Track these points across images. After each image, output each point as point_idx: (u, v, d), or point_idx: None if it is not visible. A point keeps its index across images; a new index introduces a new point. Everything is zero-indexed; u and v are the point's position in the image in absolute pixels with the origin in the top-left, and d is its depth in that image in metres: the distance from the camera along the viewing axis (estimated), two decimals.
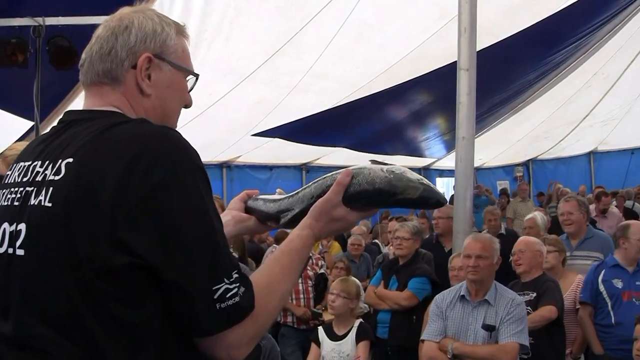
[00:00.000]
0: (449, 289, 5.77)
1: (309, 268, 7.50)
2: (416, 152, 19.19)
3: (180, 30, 2.06)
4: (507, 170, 23.68)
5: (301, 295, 7.64)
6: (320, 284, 7.61)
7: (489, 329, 5.13)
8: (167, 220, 1.68)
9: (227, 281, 1.74)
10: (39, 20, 7.41)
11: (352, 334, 6.12)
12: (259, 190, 2.53)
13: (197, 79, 2.13)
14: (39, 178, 1.80)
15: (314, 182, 2.25)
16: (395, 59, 11.25)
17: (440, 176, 22.72)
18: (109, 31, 1.96)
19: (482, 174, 22.56)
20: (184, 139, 1.79)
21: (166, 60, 1.98)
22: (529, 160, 23.52)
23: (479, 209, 15.35)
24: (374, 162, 2.18)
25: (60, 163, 1.77)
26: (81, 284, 1.66)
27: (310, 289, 7.52)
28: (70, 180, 1.72)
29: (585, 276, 6.51)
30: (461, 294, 5.41)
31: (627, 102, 19.15)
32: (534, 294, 5.85)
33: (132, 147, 1.71)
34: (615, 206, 14.54)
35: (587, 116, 19.83)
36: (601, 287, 6.25)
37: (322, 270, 7.55)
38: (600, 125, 20.59)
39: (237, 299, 1.75)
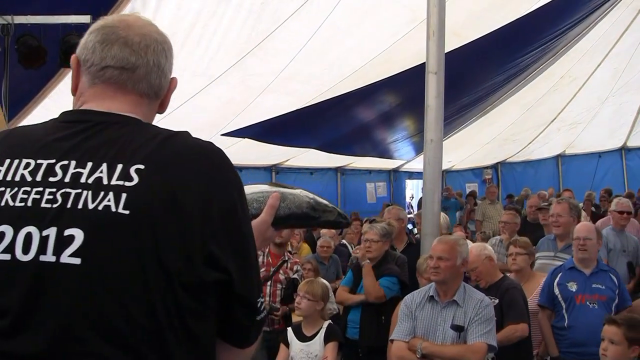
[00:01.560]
0: (418, 289, 5.79)
1: (281, 272, 7.48)
2: (385, 154, 19.25)
3: None
4: (475, 172, 23.85)
5: (267, 298, 7.60)
6: (290, 288, 7.59)
7: (458, 329, 5.17)
8: (239, 236, 1.76)
9: (261, 296, 1.89)
10: (8, 18, 7.27)
11: (321, 335, 6.13)
12: None
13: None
14: (88, 180, 1.65)
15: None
16: (364, 61, 11.30)
17: (410, 178, 22.88)
18: (158, 45, 1.92)
19: (451, 177, 22.72)
20: None
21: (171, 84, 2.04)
22: (497, 163, 23.70)
23: (448, 211, 15.47)
24: (273, 184, 2.31)
25: (128, 168, 1.65)
26: (167, 299, 1.61)
27: (278, 292, 7.48)
28: (150, 189, 1.64)
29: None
30: (430, 294, 5.44)
31: (594, 105, 19.39)
32: (496, 300, 5.87)
33: (206, 161, 1.75)
34: (583, 209, 14.69)
35: (554, 119, 20.06)
36: (556, 291, 6.30)
37: (294, 276, 7.53)
38: (568, 128, 20.82)
39: (264, 312, 1.89)
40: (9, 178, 1.69)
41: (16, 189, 1.66)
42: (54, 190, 1.64)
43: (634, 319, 4.88)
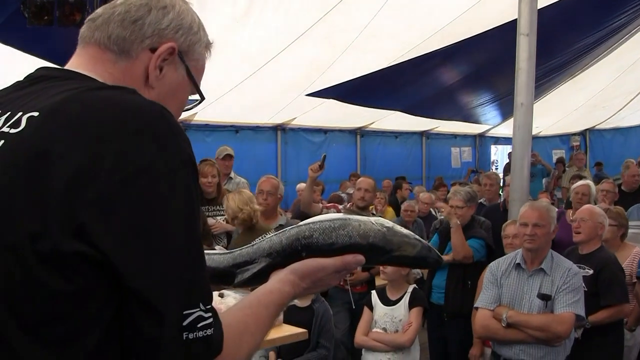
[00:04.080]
0: (504, 256, 5.70)
1: None
2: (471, 118, 18.98)
3: (209, 46, 1.84)
4: (563, 139, 23.34)
5: None
6: None
7: (545, 298, 5.06)
8: (147, 213, 1.34)
9: (202, 307, 1.39)
10: None
11: (406, 300, 6.11)
12: None
13: (199, 102, 1.88)
14: None
15: (283, 233, 1.90)
16: (450, 18, 11.06)
17: (495, 143, 22.53)
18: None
19: (538, 143, 22.26)
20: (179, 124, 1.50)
21: (185, 63, 1.73)
22: (585, 130, 23.14)
23: (535, 177, 15.23)
24: (348, 211, 1.98)
25: (21, 116, 1.43)
26: (19, 267, 1.31)
27: None
28: (28, 138, 1.38)
29: None
30: (517, 262, 5.34)
31: None
32: (591, 271, 5.75)
33: (117, 116, 1.39)
34: None
35: None
36: None
37: None
38: None
39: (209, 331, 1.40)
40: None
41: None
42: None
43: None
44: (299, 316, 5.68)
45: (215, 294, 4.79)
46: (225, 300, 4.66)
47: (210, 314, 1.41)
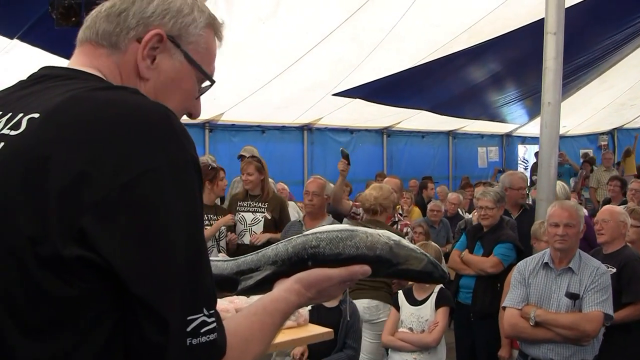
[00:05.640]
0: (532, 256, 5.68)
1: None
2: (497, 118, 18.90)
3: (213, 24, 1.74)
4: (590, 138, 23.16)
5: None
6: None
7: (573, 297, 5.04)
8: (149, 217, 1.31)
9: (206, 312, 1.37)
10: None
11: (432, 300, 6.11)
12: None
13: (210, 86, 1.78)
14: None
15: (289, 242, 1.88)
16: (475, 19, 11.02)
17: (522, 143, 22.41)
18: None
19: (565, 142, 22.10)
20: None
21: (181, 48, 1.65)
22: (614, 129, 22.96)
23: (562, 177, 15.13)
24: (357, 223, 1.94)
25: (22, 117, 1.40)
26: (19, 272, 1.30)
27: None
28: (28, 140, 1.35)
29: None
30: (545, 261, 5.31)
31: None
32: (614, 269, 5.71)
33: (119, 118, 1.36)
34: None
35: None
36: None
37: (406, 238, 7.53)
38: None
39: (213, 336, 1.37)
40: None
41: None
42: None
43: None
44: (326, 316, 5.67)
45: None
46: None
47: (213, 319, 1.38)
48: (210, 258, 1.57)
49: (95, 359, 1.32)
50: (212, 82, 1.77)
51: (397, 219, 7.71)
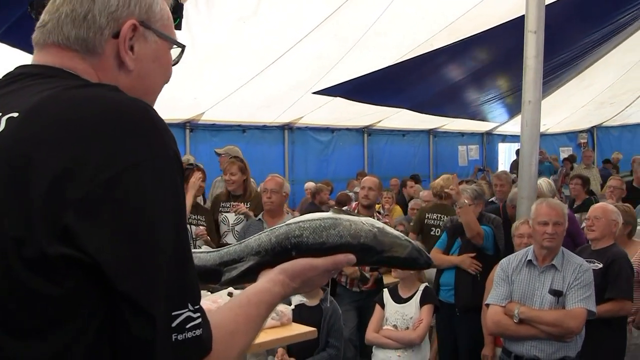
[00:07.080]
0: (515, 253, 5.70)
1: None
2: (478, 116, 18.92)
3: None
4: (570, 136, 23.32)
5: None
6: None
7: (556, 294, 5.07)
8: (133, 213, 1.31)
9: (191, 307, 1.37)
10: None
11: (417, 298, 6.14)
12: None
13: (182, 51, 1.80)
14: None
15: (272, 232, 1.89)
16: (456, 15, 11.03)
17: (503, 141, 22.50)
18: None
19: (545, 140, 22.22)
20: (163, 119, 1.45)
21: (152, 28, 1.65)
22: (593, 127, 23.11)
23: (541, 175, 15.18)
24: (337, 210, 1.91)
25: (1, 117, 1.39)
26: (5, 272, 1.29)
27: None
28: (8, 140, 1.34)
29: None
30: (528, 258, 5.34)
31: None
32: (600, 265, 5.75)
33: (100, 115, 1.35)
34: None
35: None
36: None
37: None
38: None
39: (198, 331, 1.37)
40: None
41: None
42: None
43: None
44: (308, 315, 5.68)
45: (224, 292, 4.78)
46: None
47: (199, 314, 1.38)
48: (193, 250, 1.57)
49: (85, 357, 1.31)
50: (183, 47, 1.78)
51: (377, 218, 7.71)
